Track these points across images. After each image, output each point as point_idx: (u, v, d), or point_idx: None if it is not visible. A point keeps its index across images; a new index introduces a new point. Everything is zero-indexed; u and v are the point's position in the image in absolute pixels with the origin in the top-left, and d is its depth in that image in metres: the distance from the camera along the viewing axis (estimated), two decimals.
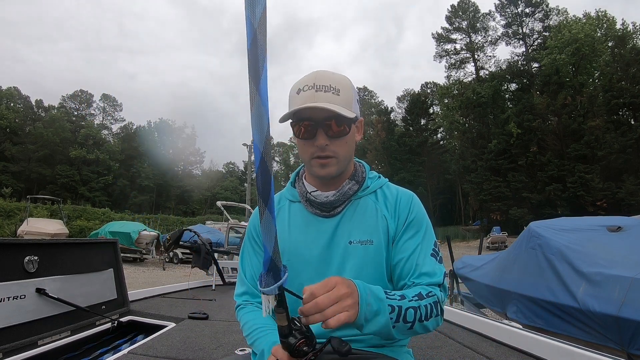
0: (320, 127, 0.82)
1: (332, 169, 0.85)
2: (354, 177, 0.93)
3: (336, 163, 0.85)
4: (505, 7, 39.64)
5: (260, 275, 0.63)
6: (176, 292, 3.21)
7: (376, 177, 0.97)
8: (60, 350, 1.70)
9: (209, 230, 14.16)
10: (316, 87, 0.81)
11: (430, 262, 0.84)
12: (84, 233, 23.85)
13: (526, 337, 1.61)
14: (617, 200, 25.59)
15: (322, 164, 0.85)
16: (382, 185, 0.95)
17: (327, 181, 0.91)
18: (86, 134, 46.47)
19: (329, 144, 0.83)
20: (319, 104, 0.78)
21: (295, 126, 0.85)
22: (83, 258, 2.01)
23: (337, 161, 0.85)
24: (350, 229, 0.88)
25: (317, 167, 0.86)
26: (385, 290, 0.72)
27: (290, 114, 0.83)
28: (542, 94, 32.52)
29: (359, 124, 0.93)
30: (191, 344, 1.78)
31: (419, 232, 0.88)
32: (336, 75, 0.86)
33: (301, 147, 0.88)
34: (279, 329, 0.63)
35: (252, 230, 1.00)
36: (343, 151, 0.86)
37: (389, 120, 46.89)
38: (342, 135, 0.84)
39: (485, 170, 33.29)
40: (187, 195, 51.68)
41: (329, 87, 0.81)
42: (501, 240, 22.15)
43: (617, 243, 2.56)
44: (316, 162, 0.85)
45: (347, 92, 0.84)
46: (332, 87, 0.81)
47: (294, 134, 0.88)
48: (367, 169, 0.98)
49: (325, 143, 0.83)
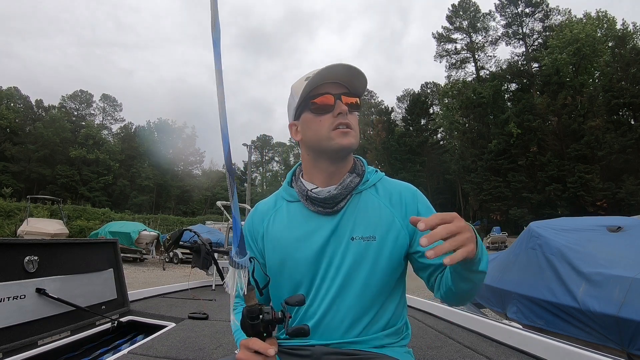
0: (345, 95, 0.86)
1: (353, 140, 0.86)
2: (355, 170, 0.93)
3: (354, 136, 0.86)
4: (505, 7, 39.67)
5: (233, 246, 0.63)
6: (176, 292, 3.20)
7: (374, 171, 0.97)
8: (60, 350, 1.70)
9: (209, 230, 14.14)
10: (346, 64, 0.84)
11: None
12: (84, 233, 23.83)
13: (526, 337, 1.61)
14: (617, 200, 25.59)
15: (344, 133, 0.85)
16: (381, 179, 0.96)
17: (328, 169, 0.90)
18: (86, 134, 46.45)
19: (348, 114, 0.86)
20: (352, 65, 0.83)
21: (320, 97, 0.86)
22: (83, 258, 2.01)
23: (355, 134, 0.87)
24: (353, 225, 0.87)
25: (340, 137, 0.84)
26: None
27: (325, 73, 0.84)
28: (542, 94, 32.53)
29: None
30: (191, 344, 1.78)
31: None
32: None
33: (317, 124, 0.87)
34: (248, 311, 0.64)
35: (247, 234, 0.99)
36: (356, 128, 0.88)
37: (389, 120, 46.91)
38: (357, 109, 0.88)
39: (485, 170, 33.30)
40: (187, 195, 51.65)
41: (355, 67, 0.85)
42: (501, 240, 22.14)
43: (617, 243, 2.56)
44: (338, 132, 0.85)
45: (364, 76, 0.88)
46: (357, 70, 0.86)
47: (309, 110, 0.87)
48: (365, 163, 0.98)
49: (347, 110, 0.85)
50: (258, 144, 67.02)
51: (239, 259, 0.62)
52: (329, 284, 0.86)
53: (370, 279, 0.85)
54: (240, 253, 0.63)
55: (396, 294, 0.90)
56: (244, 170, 51.15)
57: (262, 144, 67.88)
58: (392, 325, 0.88)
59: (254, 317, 0.63)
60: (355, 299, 0.84)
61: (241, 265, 0.62)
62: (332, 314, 0.85)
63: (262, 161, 68.36)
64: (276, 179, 63.77)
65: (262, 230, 0.95)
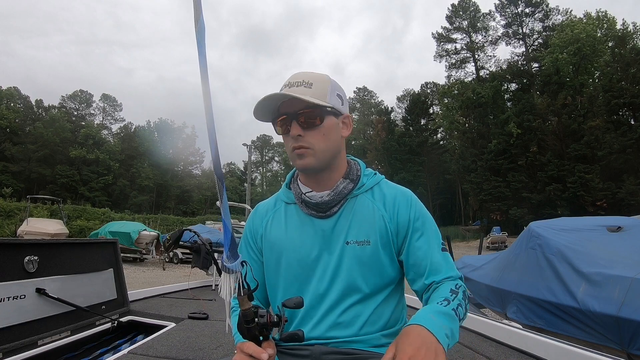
0: (294, 118, 0.83)
1: (310, 160, 0.85)
2: (349, 175, 0.92)
3: (313, 154, 0.84)
4: (505, 7, 39.65)
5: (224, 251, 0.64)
6: (176, 292, 3.20)
7: (372, 174, 0.95)
8: (60, 350, 1.70)
9: (209, 230, 14.10)
10: (290, 84, 0.84)
11: (444, 258, 0.86)
12: (84, 233, 23.83)
13: (526, 337, 1.61)
14: (617, 200, 25.58)
15: (299, 154, 0.85)
16: (379, 182, 0.94)
17: (316, 176, 0.90)
18: (86, 134, 46.43)
19: (302, 135, 0.84)
20: (282, 92, 0.81)
21: (275, 124, 0.88)
22: (83, 258, 2.01)
23: (313, 152, 0.84)
24: (347, 229, 0.87)
25: (295, 158, 0.86)
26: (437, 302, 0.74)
27: (263, 110, 0.84)
28: (542, 94, 32.53)
29: (345, 120, 0.91)
30: (191, 344, 1.78)
31: (426, 231, 0.88)
32: (313, 73, 0.87)
33: (285, 145, 0.90)
34: (243, 315, 0.64)
35: (247, 233, 1.00)
36: (320, 143, 0.84)
37: (389, 120, 46.88)
38: (315, 126, 0.84)
39: (485, 170, 33.29)
40: (187, 195, 51.63)
41: (301, 82, 0.83)
42: (501, 240, 22.14)
43: (617, 243, 2.55)
44: (295, 153, 0.86)
45: (321, 85, 0.84)
46: (305, 82, 0.83)
47: (276, 133, 0.90)
48: (362, 167, 0.96)
49: (298, 133, 0.83)
50: (258, 144, 67.01)
51: (230, 263, 0.63)
52: (326, 286, 0.86)
53: (367, 282, 0.86)
54: (232, 257, 0.64)
55: (394, 296, 0.91)
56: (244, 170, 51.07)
57: (262, 144, 67.86)
58: (391, 326, 0.89)
59: (249, 321, 0.64)
60: (352, 301, 0.85)
61: (232, 270, 0.63)
62: (329, 316, 0.85)
63: (262, 161, 68.36)
64: (276, 179, 63.76)
65: (261, 231, 0.97)
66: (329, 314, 0.86)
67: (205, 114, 0.60)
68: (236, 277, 0.63)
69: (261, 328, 0.64)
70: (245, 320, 0.64)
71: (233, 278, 0.63)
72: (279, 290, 0.91)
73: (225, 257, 0.64)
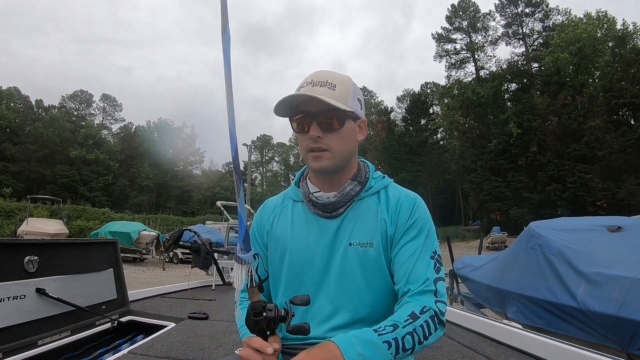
0: (314, 119, 0.83)
1: (326, 163, 0.85)
2: (357, 177, 0.92)
3: (330, 157, 0.85)
4: (505, 7, 39.63)
5: (238, 243, 0.67)
6: (176, 292, 3.20)
7: (380, 178, 0.95)
8: (60, 350, 1.70)
9: (209, 230, 14.16)
10: (313, 82, 0.83)
11: (426, 268, 0.81)
12: (84, 233, 23.84)
13: (526, 337, 1.61)
14: (617, 200, 25.58)
15: (315, 157, 0.85)
16: (387, 186, 0.94)
17: (325, 177, 0.90)
18: (86, 134, 46.45)
19: (321, 137, 0.84)
20: (310, 93, 0.80)
21: (293, 121, 0.88)
22: (83, 258, 2.01)
23: (331, 155, 0.85)
24: (351, 230, 0.88)
25: (312, 161, 0.86)
26: (375, 328, 0.71)
27: (283, 105, 0.84)
28: (543, 94, 32.54)
29: (361, 124, 0.92)
30: (191, 344, 1.78)
31: (419, 236, 0.85)
32: (336, 73, 0.87)
33: (299, 142, 0.90)
34: (252, 307, 0.66)
35: (255, 228, 1.01)
36: (338, 145, 0.85)
37: (389, 120, 46.89)
38: (335, 129, 0.84)
39: (485, 170, 33.30)
40: (187, 195, 51.65)
41: (325, 82, 0.83)
42: (501, 240, 22.15)
43: (617, 243, 2.55)
44: (311, 155, 0.86)
45: (345, 88, 0.85)
46: (329, 83, 0.83)
47: (292, 129, 0.90)
48: (371, 170, 0.96)
49: (318, 135, 0.83)
50: (258, 144, 67.01)
51: (243, 254, 0.66)
52: (329, 286, 0.87)
53: (369, 283, 0.86)
54: (245, 249, 0.66)
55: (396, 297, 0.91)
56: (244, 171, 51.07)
57: (262, 144, 67.87)
58: None
59: (257, 314, 0.66)
60: (355, 301, 0.86)
61: (245, 261, 0.66)
62: (330, 315, 0.86)
63: (262, 161, 68.35)
64: (276, 179, 63.75)
65: (267, 226, 0.98)
66: (329, 314, 0.86)
67: (228, 118, 0.64)
68: (248, 268, 0.66)
69: (268, 322, 0.66)
70: (253, 312, 0.66)
71: (245, 269, 0.66)
72: (281, 286, 0.92)
73: (239, 248, 0.66)
